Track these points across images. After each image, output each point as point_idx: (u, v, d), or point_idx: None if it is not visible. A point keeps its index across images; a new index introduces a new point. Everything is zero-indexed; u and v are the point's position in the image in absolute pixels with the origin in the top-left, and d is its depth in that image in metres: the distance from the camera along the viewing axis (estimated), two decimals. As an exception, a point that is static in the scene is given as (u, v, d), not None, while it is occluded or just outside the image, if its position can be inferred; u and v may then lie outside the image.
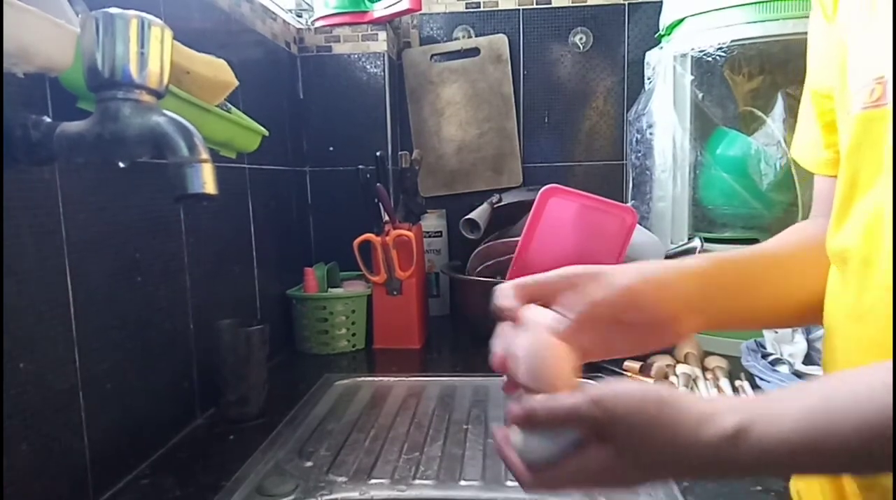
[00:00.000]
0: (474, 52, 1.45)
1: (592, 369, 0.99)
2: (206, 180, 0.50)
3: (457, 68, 1.46)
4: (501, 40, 1.44)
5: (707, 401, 0.36)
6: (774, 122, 1.07)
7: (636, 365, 0.95)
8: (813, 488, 0.46)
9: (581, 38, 1.43)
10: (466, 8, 1.45)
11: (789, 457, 0.33)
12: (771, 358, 0.89)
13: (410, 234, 1.14)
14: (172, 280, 0.78)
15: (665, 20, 1.20)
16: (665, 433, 0.35)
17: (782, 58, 1.14)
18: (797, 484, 0.50)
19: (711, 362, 0.96)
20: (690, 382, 0.89)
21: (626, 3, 1.41)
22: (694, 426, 0.34)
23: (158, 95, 0.52)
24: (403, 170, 1.24)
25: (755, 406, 0.35)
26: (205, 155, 0.50)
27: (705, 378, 0.91)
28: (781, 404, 0.34)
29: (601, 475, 0.37)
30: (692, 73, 1.11)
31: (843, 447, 0.31)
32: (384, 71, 1.30)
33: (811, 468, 0.36)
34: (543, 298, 0.49)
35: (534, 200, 1.14)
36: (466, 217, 1.35)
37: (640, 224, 1.15)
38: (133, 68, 0.50)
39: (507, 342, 0.47)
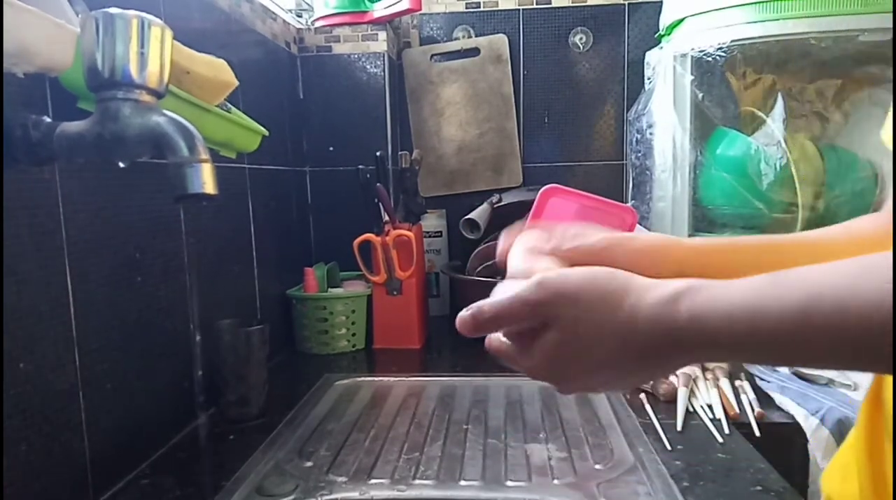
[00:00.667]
0: (474, 52, 1.45)
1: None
2: (206, 180, 0.50)
3: (457, 68, 1.46)
4: (501, 40, 1.44)
5: (651, 279, 0.34)
6: (774, 121, 1.07)
7: (636, 365, 0.94)
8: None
9: (581, 39, 1.43)
10: (466, 8, 1.45)
11: (727, 325, 0.30)
12: (771, 358, 0.89)
13: (410, 234, 1.14)
14: (172, 280, 0.78)
15: (665, 20, 1.20)
16: (611, 301, 0.33)
17: (782, 58, 1.14)
18: (829, 488, 0.48)
19: (711, 362, 0.96)
20: (690, 382, 0.89)
21: (626, 3, 1.42)
22: (639, 291, 0.33)
23: (158, 95, 0.52)
24: (403, 170, 1.24)
25: (705, 280, 0.32)
26: (205, 155, 0.50)
27: (705, 378, 0.91)
28: (732, 283, 0.31)
29: (553, 362, 0.36)
30: (692, 73, 1.11)
31: (783, 319, 0.29)
32: (384, 71, 1.30)
33: (750, 344, 0.31)
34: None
35: (534, 199, 1.14)
36: (466, 217, 1.35)
37: (641, 224, 1.15)
38: (133, 68, 0.50)
39: None
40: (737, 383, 0.89)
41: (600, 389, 0.35)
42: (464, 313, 0.39)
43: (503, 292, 0.37)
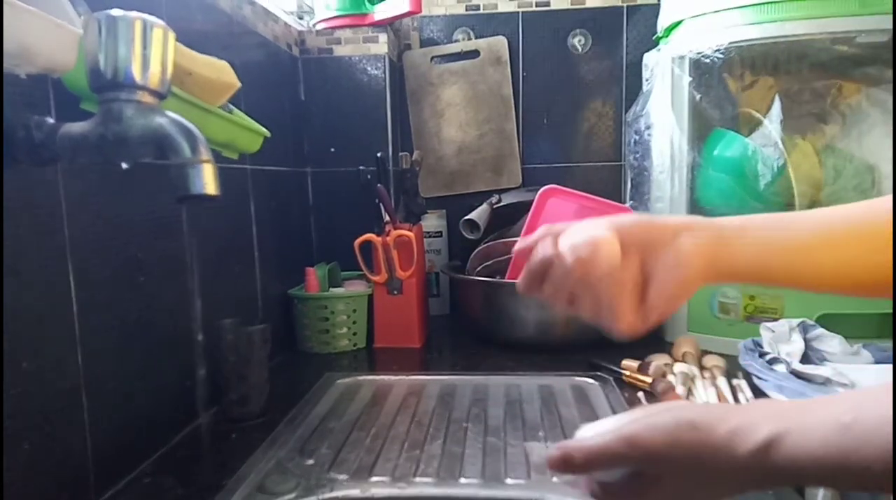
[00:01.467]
0: (474, 54, 1.46)
1: (591, 368, 1.00)
2: (208, 181, 0.50)
3: (457, 70, 1.47)
4: (501, 42, 1.45)
5: (738, 411, 0.36)
6: (772, 123, 1.08)
7: (634, 364, 0.95)
8: None
9: (580, 40, 1.44)
10: (466, 10, 1.46)
11: (819, 470, 0.33)
12: (768, 357, 0.89)
13: (411, 234, 1.14)
14: (174, 280, 0.79)
15: (663, 22, 1.21)
16: (705, 459, 0.35)
17: (780, 59, 1.15)
18: None
19: (709, 361, 0.96)
20: (688, 381, 0.89)
21: (625, 5, 1.42)
22: (727, 443, 0.34)
23: (161, 96, 0.53)
24: (404, 171, 1.24)
25: (787, 416, 0.34)
26: (207, 156, 0.51)
27: (703, 377, 0.92)
28: (814, 416, 0.33)
29: None
30: (690, 75, 1.12)
31: (867, 468, 0.31)
32: (385, 73, 1.31)
33: (841, 484, 0.37)
34: None
35: (533, 200, 1.15)
36: (466, 217, 1.36)
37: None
38: (135, 70, 0.50)
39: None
40: (734, 381, 0.90)
41: None
42: (555, 454, 0.41)
43: (592, 433, 0.40)
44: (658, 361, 0.95)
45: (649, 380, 0.90)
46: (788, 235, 0.48)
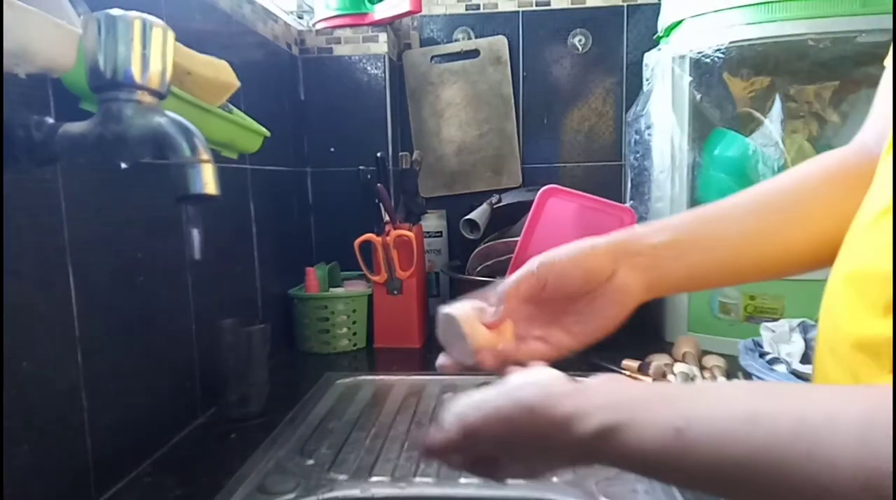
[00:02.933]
0: (474, 53, 1.46)
1: (591, 369, 1.00)
2: (208, 181, 0.50)
3: (457, 70, 1.47)
4: (501, 42, 1.45)
5: (577, 394, 0.36)
6: (772, 122, 1.08)
7: (634, 364, 0.95)
8: None
9: (580, 40, 1.44)
10: (466, 10, 1.46)
11: (647, 469, 0.33)
12: (769, 357, 0.89)
13: (411, 234, 1.14)
14: (174, 280, 0.79)
15: (663, 22, 1.21)
16: (538, 443, 0.36)
17: (780, 59, 1.15)
18: None
19: (709, 361, 0.96)
20: (688, 380, 0.89)
21: (625, 4, 1.42)
22: (560, 427, 0.35)
23: (160, 95, 0.53)
24: (404, 170, 1.24)
25: (624, 408, 0.34)
26: (206, 156, 0.51)
27: (703, 377, 0.92)
28: (650, 415, 0.33)
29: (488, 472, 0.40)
30: (690, 75, 1.12)
31: (691, 477, 0.32)
32: (385, 72, 1.30)
33: (673, 483, 0.37)
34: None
35: (533, 200, 1.15)
36: (466, 217, 1.35)
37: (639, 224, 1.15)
38: (135, 69, 0.50)
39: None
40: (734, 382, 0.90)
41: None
42: (422, 447, 0.42)
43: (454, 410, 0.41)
44: (658, 361, 0.94)
45: (649, 380, 0.89)
46: (722, 238, 0.49)
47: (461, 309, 0.48)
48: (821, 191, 0.49)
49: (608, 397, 0.35)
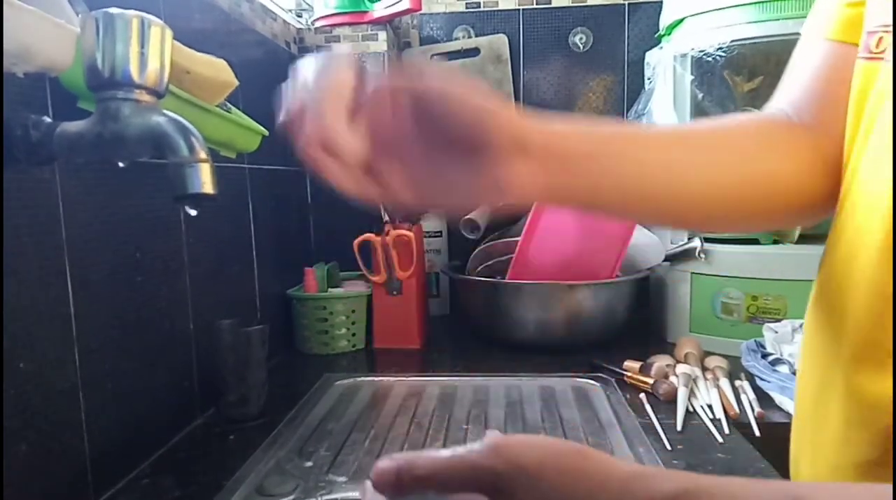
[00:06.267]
0: (474, 52, 1.45)
1: (592, 369, 0.99)
2: (206, 180, 0.50)
3: (457, 68, 1.46)
4: (501, 40, 1.44)
5: (636, 466, 0.30)
6: (774, 122, 1.07)
7: (636, 365, 0.95)
8: None
9: (581, 38, 1.43)
10: (466, 8, 1.45)
11: None
12: (771, 358, 0.89)
13: (410, 234, 1.14)
14: (172, 280, 0.78)
15: (665, 20, 1.20)
16: (588, 484, 0.28)
17: (782, 58, 1.14)
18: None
19: (711, 361, 0.96)
20: (690, 382, 0.89)
21: (626, 3, 1.42)
22: (625, 481, 0.28)
23: (158, 94, 0.53)
24: (403, 170, 1.24)
25: (697, 481, 0.28)
26: (204, 155, 0.50)
27: (705, 378, 0.91)
28: (738, 487, 0.28)
29: None
30: (692, 73, 1.11)
31: None
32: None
33: None
34: None
35: (534, 200, 1.14)
36: (466, 217, 1.35)
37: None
38: (133, 68, 0.50)
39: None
40: (737, 383, 0.90)
41: None
42: (386, 465, 0.31)
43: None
44: (660, 362, 0.94)
45: (651, 381, 0.89)
46: (640, 158, 0.44)
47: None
48: (749, 142, 0.47)
49: (673, 472, 0.30)
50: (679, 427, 0.78)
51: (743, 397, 0.85)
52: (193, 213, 0.52)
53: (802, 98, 0.49)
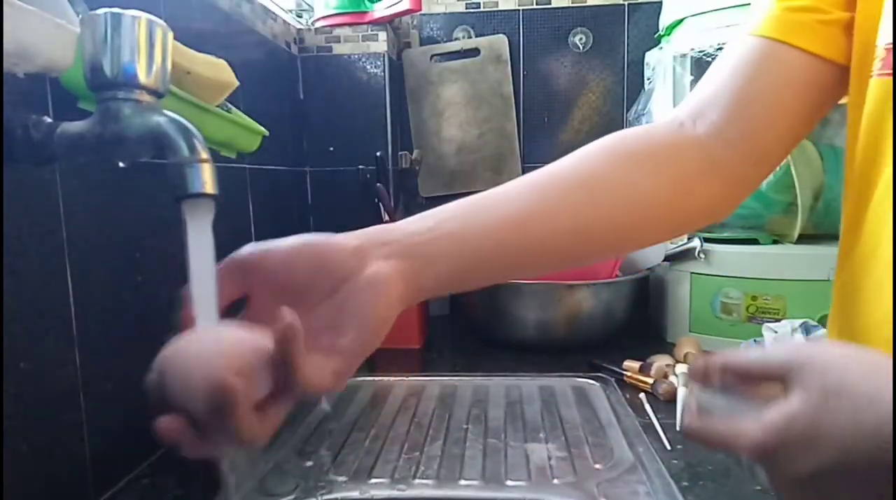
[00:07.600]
0: (474, 52, 1.45)
1: (592, 369, 0.99)
2: (206, 180, 0.50)
3: (457, 69, 1.46)
4: (501, 41, 1.45)
5: None
6: (774, 122, 1.07)
7: (636, 365, 0.95)
8: None
9: (581, 39, 1.44)
10: (466, 8, 1.46)
11: None
12: (770, 358, 0.89)
13: (410, 234, 1.13)
14: (173, 280, 0.78)
15: (665, 20, 1.20)
16: (882, 383, 0.27)
17: (782, 58, 1.14)
18: None
19: (711, 361, 0.96)
20: (690, 382, 0.89)
21: (626, 3, 1.42)
22: None
23: (159, 95, 0.52)
24: (403, 170, 1.24)
25: None
26: (205, 155, 0.50)
27: (705, 378, 0.91)
28: None
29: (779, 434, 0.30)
30: (692, 74, 1.11)
31: None
32: (384, 71, 1.30)
33: None
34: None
35: (534, 200, 1.14)
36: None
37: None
38: (134, 68, 0.50)
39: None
40: (736, 383, 0.89)
41: None
42: (699, 364, 0.36)
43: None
44: (660, 361, 0.94)
45: (651, 381, 0.89)
46: (490, 223, 0.44)
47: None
48: (605, 170, 0.47)
49: None
50: (679, 427, 0.78)
51: (742, 397, 0.85)
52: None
53: (712, 97, 0.48)
